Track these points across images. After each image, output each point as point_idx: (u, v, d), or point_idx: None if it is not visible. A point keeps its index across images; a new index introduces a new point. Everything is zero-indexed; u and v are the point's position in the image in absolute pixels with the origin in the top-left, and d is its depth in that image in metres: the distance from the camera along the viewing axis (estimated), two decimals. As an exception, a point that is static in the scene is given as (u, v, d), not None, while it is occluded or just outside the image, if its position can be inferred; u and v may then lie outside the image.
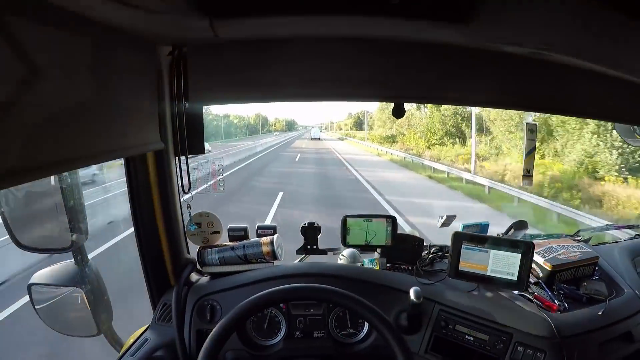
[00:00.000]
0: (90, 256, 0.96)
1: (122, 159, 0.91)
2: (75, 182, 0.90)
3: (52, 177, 0.86)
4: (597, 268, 1.09)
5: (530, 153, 1.10)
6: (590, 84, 0.89)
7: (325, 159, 18.61)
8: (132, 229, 0.98)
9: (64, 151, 0.54)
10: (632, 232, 1.40)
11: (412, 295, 0.88)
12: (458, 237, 0.97)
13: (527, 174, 1.13)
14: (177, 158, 0.94)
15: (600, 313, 0.91)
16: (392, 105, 0.93)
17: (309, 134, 55.71)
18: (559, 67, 0.84)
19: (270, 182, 10.67)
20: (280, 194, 8.40)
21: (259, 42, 0.84)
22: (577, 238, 1.23)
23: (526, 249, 0.92)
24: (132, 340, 0.98)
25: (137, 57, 0.76)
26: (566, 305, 0.95)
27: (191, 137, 0.92)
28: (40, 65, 0.48)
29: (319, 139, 46.34)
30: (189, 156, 0.93)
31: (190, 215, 1.02)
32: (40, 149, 0.49)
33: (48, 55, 0.49)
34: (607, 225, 1.33)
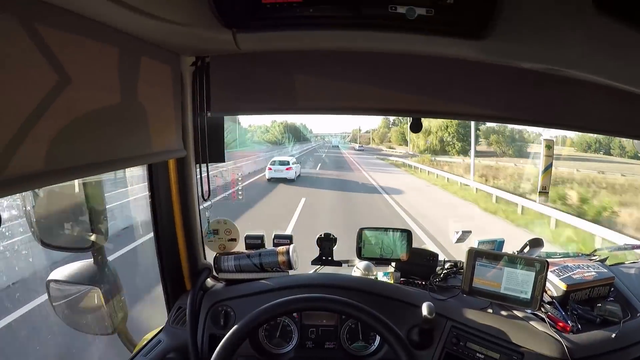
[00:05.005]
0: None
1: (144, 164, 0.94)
2: (98, 184, 0.93)
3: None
4: (612, 289, 1.07)
5: (547, 169, 1.09)
6: (607, 100, 0.88)
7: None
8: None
9: (89, 156, 0.56)
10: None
11: (424, 311, 0.88)
12: (473, 254, 0.97)
13: (544, 191, 1.12)
14: (197, 166, 0.96)
15: (613, 335, 0.89)
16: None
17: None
18: (576, 84, 0.83)
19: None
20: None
21: (279, 55, 0.86)
22: (594, 257, 1.21)
23: (540, 268, 0.91)
24: (145, 341, 1.00)
25: (162, 67, 0.78)
26: (579, 326, 0.93)
27: (212, 146, 0.94)
28: (69, 73, 0.50)
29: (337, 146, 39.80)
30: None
31: (208, 221, 1.04)
32: (66, 154, 0.51)
33: (77, 64, 0.52)
34: (624, 245, 1.31)
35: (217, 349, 0.73)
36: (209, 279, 1.07)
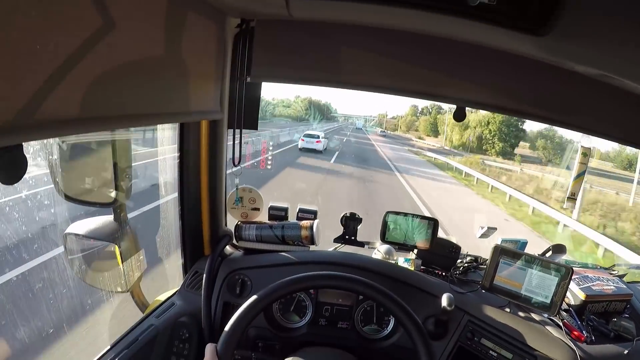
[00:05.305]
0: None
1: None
2: (127, 141, 0.91)
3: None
4: (628, 306, 1.06)
5: (579, 176, 1.07)
6: None
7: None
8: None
9: (125, 107, 0.54)
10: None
11: (444, 302, 0.86)
12: (498, 251, 0.96)
13: (572, 197, 1.10)
14: (229, 130, 0.95)
15: (626, 352, 0.88)
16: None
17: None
18: (629, 95, 0.81)
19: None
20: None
21: (327, 26, 0.84)
22: (613, 272, 1.19)
23: (565, 273, 0.90)
24: (158, 303, 1.00)
25: (207, 26, 0.76)
26: (593, 338, 0.93)
27: (247, 112, 0.92)
28: (114, 18, 0.48)
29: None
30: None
31: (237, 187, 1.03)
32: (102, 102, 0.49)
33: (123, 10, 0.49)
34: None
35: (235, 315, 0.71)
36: (228, 246, 1.06)
